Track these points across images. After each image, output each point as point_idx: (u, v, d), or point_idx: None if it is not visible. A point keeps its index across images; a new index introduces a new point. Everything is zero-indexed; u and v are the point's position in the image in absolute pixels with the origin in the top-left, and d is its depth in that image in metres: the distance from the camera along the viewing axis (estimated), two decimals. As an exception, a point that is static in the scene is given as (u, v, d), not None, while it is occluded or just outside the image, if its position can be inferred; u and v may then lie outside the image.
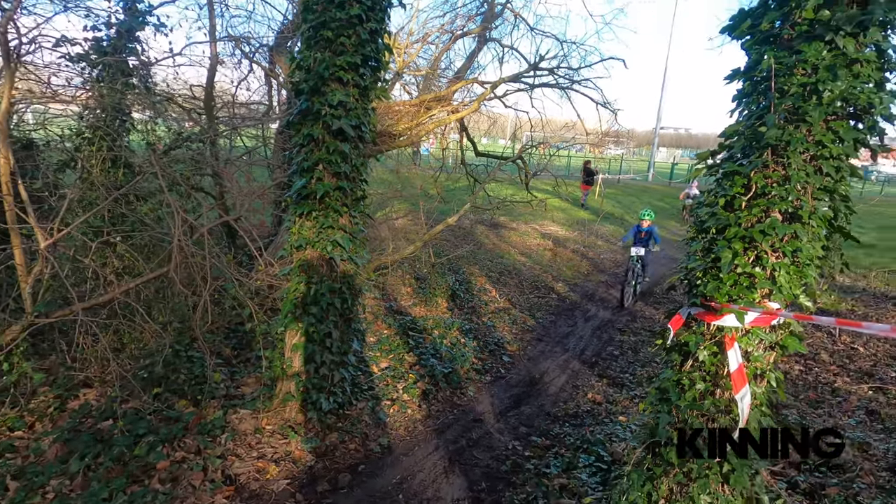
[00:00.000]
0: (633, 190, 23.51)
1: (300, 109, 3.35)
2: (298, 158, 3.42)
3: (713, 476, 2.02)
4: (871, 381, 4.76)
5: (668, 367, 2.25)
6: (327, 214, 3.40)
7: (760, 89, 2.21)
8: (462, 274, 7.94)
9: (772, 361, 2.10)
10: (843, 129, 2.02)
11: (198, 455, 2.89)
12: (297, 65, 3.38)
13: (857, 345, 5.98)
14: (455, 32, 10.21)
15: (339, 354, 3.49)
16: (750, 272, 2.06)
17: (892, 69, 2.06)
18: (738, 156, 2.23)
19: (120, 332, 3.73)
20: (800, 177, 2.03)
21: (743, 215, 2.10)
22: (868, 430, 3.69)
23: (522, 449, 3.40)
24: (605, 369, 5.06)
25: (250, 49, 7.58)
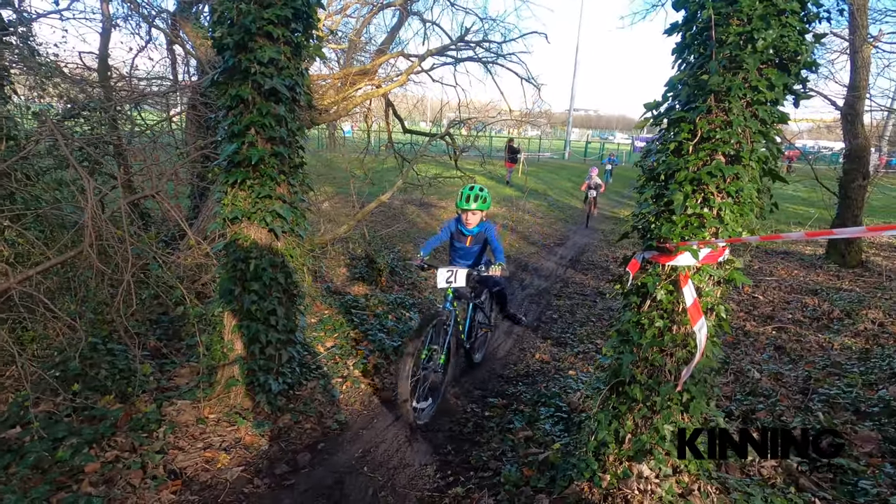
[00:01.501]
0: (553, 167, 24.50)
1: (226, 67, 3.04)
2: (227, 122, 3.10)
3: (675, 406, 2.14)
4: (773, 323, 5.35)
5: (628, 309, 2.34)
6: (263, 183, 3.14)
7: (700, 40, 2.31)
8: (398, 252, 7.82)
9: (719, 295, 2.25)
10: (774, 75, 2.16)
11: (133, 453, 2.59)
12: (218, 17, 3.04)
13: (757, 294, 6.70)
14: (375, 4, 9.88)
15: (285, 332, 3.28)
16: (699, 213, 2.17)
17: (811, 20, 2.24)
18: (682, 104, 2.33)
19: (20, 329, 3.23)
20: (740, 121, 2.16)
21: (691, 159, 2.20)
22: (778, 362, 4.14)
23: (481, 410, 3.42)
24: (547, 332, 5.24)
25: (149, 13, 6.80)
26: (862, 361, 3.94)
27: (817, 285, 6.94)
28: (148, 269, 3.50)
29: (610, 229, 12.26)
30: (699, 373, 2.13)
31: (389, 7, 9.83)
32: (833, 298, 6.10)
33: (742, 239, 2.16)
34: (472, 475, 2.62)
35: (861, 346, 4.40)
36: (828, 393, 3.30)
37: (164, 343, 3.91)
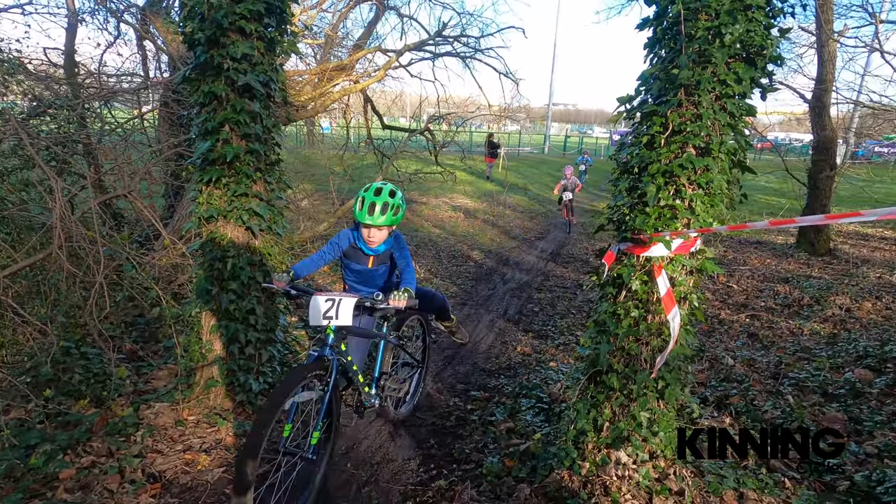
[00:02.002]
0: (533, 162, 24.66)
1: (197, 63, 2.98)
2: (200, 119, 3.05)
3: (651, 393, 2.20)
4: (746, 311, 5.50)
5: (604, 300, 2.38)
6: (239, 181, 3.09)
7: (670, 34, 2.35)
8: (379, 248, 7.78)
9: (692, 285, 2.31)
10: (741, 69, 2.21)
11: (110, 457, 2.54)
12: (188, 12, 2.98)
13: (731, 283, 6.87)
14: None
15: (265, 332, 3.25)
16: (672, 204, 2.22)
17: (776, 15, 2.30)
18: (654, 97, 2.37)
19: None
20: (709, 114, 2.21)
21: (663, 152, 2.25)
22: (751, 349, 4.27)
23: (464, 404, 3.45)
24: (528, 325, 5.30)
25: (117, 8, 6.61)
26: (829, 346, 4.09)
27: (788, 273, 7.15)
28: (121, 271, 3.42)
29: (588, 222, 12.41)
30: (673, 360, 2.18)
31: (366, 1, 9.76)
32: (803, 286, 6.30)
33: (712, 229, 2.22)
34: (455, 468, 2.64)
35: (829, 332, 4.56)
36: (797, 377, 3.42)
37: (141, 345, 3.84)
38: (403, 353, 3.23)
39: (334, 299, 2.33)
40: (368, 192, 2.58)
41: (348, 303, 2.31)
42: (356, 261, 2.78)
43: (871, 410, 2.86)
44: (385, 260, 2.76)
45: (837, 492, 2.22)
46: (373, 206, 2.54)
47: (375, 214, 2.53)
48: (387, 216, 2.56)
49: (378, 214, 2.54)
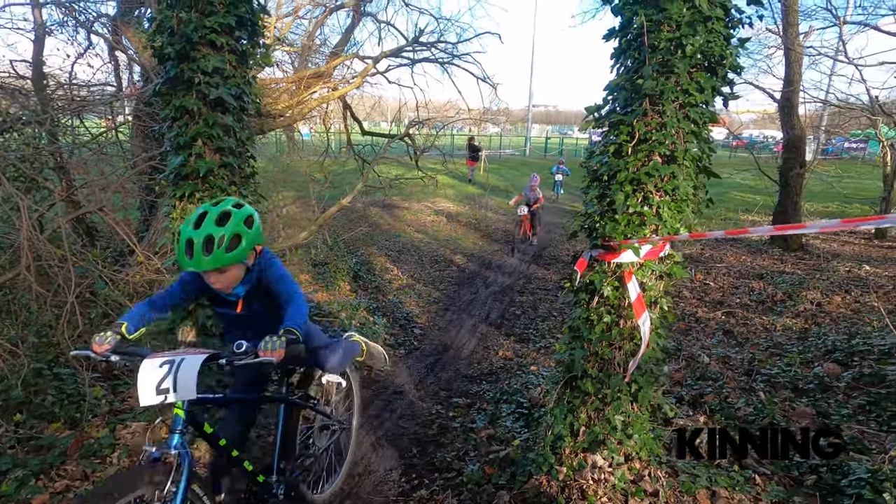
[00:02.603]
0: (514, 164, 24.84)
1: (168, 77, 2.96)
2: (172, 134, 3.03)
3: (624, 397, 2.24)
4: (722, 308, 5.63)
5: (578, 306, 2.42)
6: (213, 195, 3.07)
7: (635, 45, 2.41)
8: (361, 255, 7.78)
9: (662, 289, 2.37)
10: (703, 78, 2.28)
11: (85, 480, 2.50)
12: (157, 26, 2.96)
13: (708, 281, 7.02)
14: (328, 6, 9.76)
15: (243, 346, 3.22)
16: (640, 211, 2.27)
17: (734, 26, 2.37)
18: (621, 107, 2.43)
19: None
20: (673, 123, 2.27)
21: (630, 160, 2.30)
22: (726, 346, 4.37)
23: (446, 411, 3.47)
24: (510, 328, 5.34)
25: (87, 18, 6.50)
26: (801, 341, 4.21)
27: (763, 269, 7.33)
28: (94, 289, 3.36)
29: (570, 223, 12.55)
30: (645, 364, 2.23)
31: (342, 8, 9.75)
32: (777, 282, 6.46)
33: (676, 237, 2.27)
34: (436, 477, 2.66)
35: (801, 326, 4.69)
36: (769, 373, 3.51)
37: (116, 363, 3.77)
38: (319, 416, 2.51)
39: (173, 360, 1.63)
40: (187, 224, 1.80)
41: (191, 364, 1.61)
42: (221, 305, 2.03)
43: (839, 404, 2.95)
44: (261, 296, 1.99)
45: (805, 486, 2.29)
46: (190, 245, 1.75)
47: (196, 255, 1.74)
48: (214, 255, 1.74)
49: (200, 255, 1.73)
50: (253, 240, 1.88)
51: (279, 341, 1.68)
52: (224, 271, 1.83)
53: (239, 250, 1.81)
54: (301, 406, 2.32)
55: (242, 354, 1.65)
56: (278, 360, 1.65)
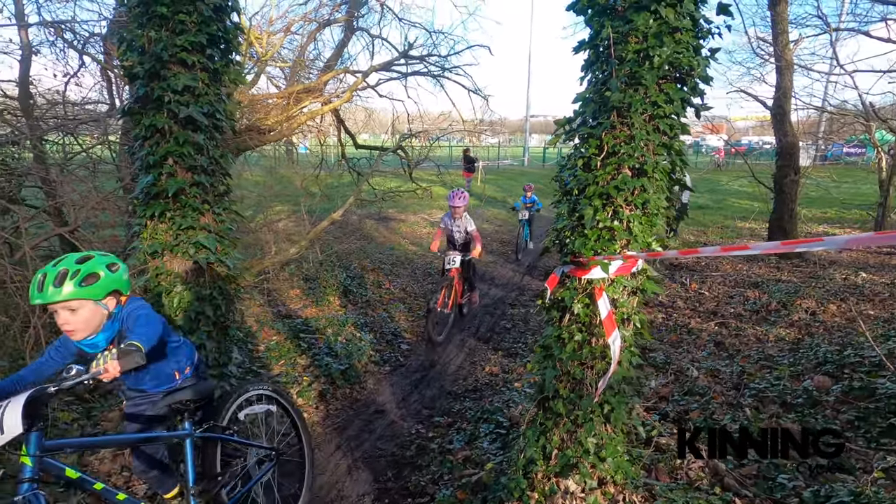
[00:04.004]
0: (512, 174, 24.86)
1: (137, 96, 2.94)
2: (142, 153, 3.00)
3: (597, 418, 2.17)
4: (716, 319, 5.54)
5: (550, 324, 2.36)
6: (185, 214, 3.04)
7: (603, 57, 2.37)
8: (353, 269, 7.73)
9: (635, 305, 2.30)
10: (672, 90, 2.24)
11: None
12: (127, 46, 2.95)
13: (703, 290, 6.93)
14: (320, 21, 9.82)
15: (216, 367, 3.16)
16: (610, 226, 2.22)
17: (703, 37, 2.33)
18: (590, 120, 2.39)
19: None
20: (642, 135, 2.22)
21: (599, 174, 2.25)
22: (717, 359, 4.28)
23: (426, 431, 3.39)
24: (499, 343, 5.26)
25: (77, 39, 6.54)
26: (792, 352, 4.11)
27: (759, 278, 7.23)
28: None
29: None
30: (617, 384, 2.16)
31: (334, 24, 9.81)
32: (772, 290, 6.37)
33: (660, 253, 2.20)
34: (409, 502, 2.58)
35: (794, 337, 4.60)
36: (758, 387, 3.42)
37: (94, 384, 3.71)
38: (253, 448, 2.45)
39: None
40: (47, 266, 1.75)
41: (15, 404, 1.50)
42: None
43: (826, 420, 2.86)
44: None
45: (789, 509, 2.21)
46: (43, 278, 1.69)
47: (45, 287, 1.68)
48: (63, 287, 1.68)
49: (49, 286, 1.68)
50: (114, 283, 1.83)
51: (110, 355, 1.59)
52: (75, 310, 1.73)
53: (93, 287, 1.75)
54: (214, 439, 2.18)
55: (71, 377, 1.57)
56: (112, 375, 1.57)
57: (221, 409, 2.29)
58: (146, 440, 2.10)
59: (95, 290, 1.76)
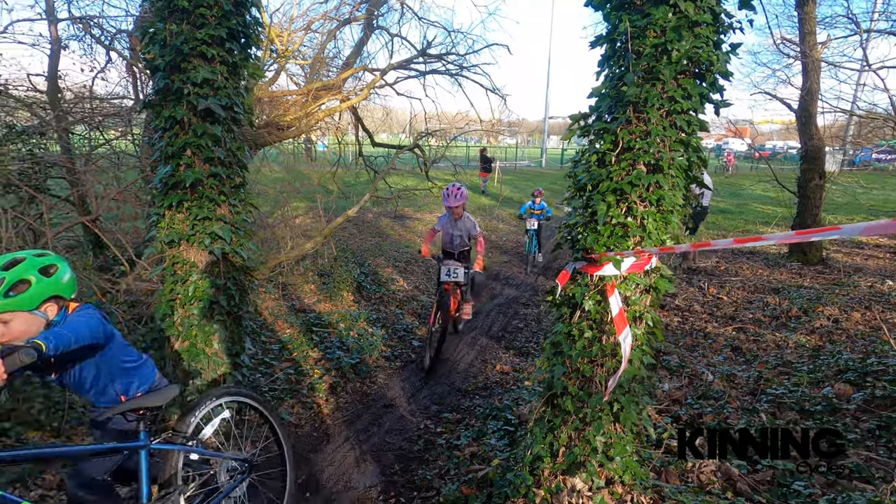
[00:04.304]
0: (529, 175, 24.71)
1: (158, 88, 3.00)
2: (161, 144, 3.06)
3: (605, 417, 2.13)
4: (733, 324, 5.42)
5: (560, 321, 2.33)
6: (202, 205, 3.08)
7: (620, 52, 2.34)
8: (368, 266, 7.77)
9: (648, 304, 2.26)
10: (690, 85, 2.19)
11: (60, 490, 2.49)
12: (149, 39, 3.01)
13: (721, 295, 6.79)
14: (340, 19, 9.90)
15: (229, 356, 3.21)
16: (623, 222, 2.18)
17: (724, 31, 2.28)
18: (605, 115, 2.35)
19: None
20: (658, 131, 2.19)
21: (614, 169, 2.22)
22: (733, 364, 4.19)
23: (434, 426, 3.38)
24: (511, 342, 5.23)
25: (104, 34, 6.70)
26: (812, 359, 4.00)
27: (780, 284, 7.06)
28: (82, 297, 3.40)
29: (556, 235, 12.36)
30: (628, 382, 2.13)
31: (353, 22, 9.88)
32: (793, 296, 6.21)
33: (673, 248, 2.17)
34: (414, 496, 2.58)
35: (814, 344, 4.48)
36: (775, 393, 3.34)
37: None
38: (223, 461, 2.27)
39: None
40: None
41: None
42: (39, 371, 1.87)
43: (846, 428, 2.78)
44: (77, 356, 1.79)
45: (804, 517, 2.14)
46: None
47: None
48: None
49: None
50: (51, 289, 1.68)
51: None
52: (7, 322, 1.61)
53: (23, 297, 1.61)
54: (174, 451, 1.99)
55: None
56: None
57: (188, 416, 2.11)
58: (93, 453, 1.85)
59: (25, 300, 1.62)
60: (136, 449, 1.89)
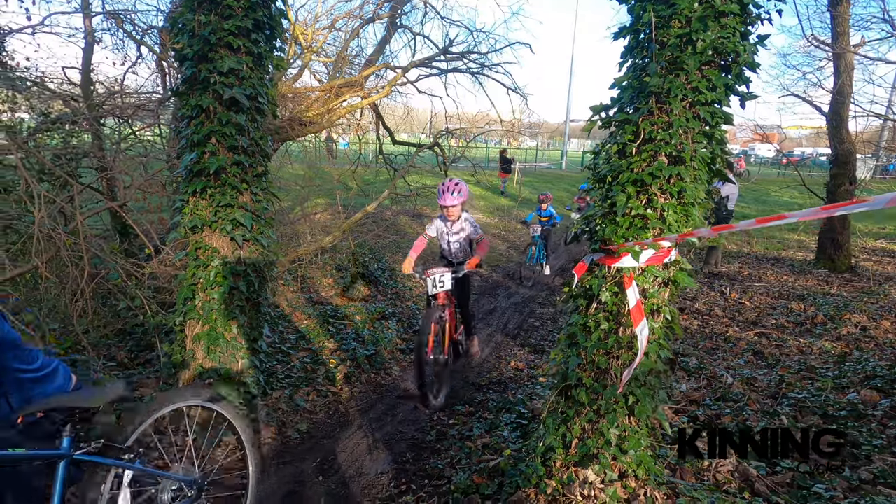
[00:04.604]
0: (549, 177, 24.55)
1: (185, 77, 3.07)
2: (188, 132, 3.13)
3: (620, 409, 2.11)
4: (755, 329, 5.30)
5: (576, 312, 2.32)
6: (225, 192, 3.15)
7: (643, 43, 2.32)
8: (385, 262, 7.82)
9: (666, 297, 2.23)
10: (714, 76, 2.16)
11: (85, 463, 2.56)
12: (178, 29, 3.08)
13: (743, 300, 6.64)
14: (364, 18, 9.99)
15: (247, 341, 3.26)
16: (643, 214, 2.16)
17: (752, 22, 2.24)
18: (627, 106, 2.33)
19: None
20: (681, 122, 2.16)
21: (634, 160, 2.20)
22: (754, 367, 4.09)
23: (447, 418, 3.38)
24: (526, 339, 5.21)
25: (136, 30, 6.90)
26: (838, 365, 3.89)
27: (805, 290, 6.88)
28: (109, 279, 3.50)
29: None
30: (643, 375, 2.10)
31: (377, 20, 9.96)
32: (819, 303, 6.05)
33: (693, 233, 2.12)
34: (426, 483, 2.58)
35: (840, 350, 4.35)
36: (797, 397, 3.25)
37: (136, 354, 3.90)
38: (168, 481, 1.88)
39: None
40: None
41: None
42: None
43: (872, 433, 2.69)
44: None
45: (824, 520, 2.08)
46: None
47: None
48: None
49: None
50: None
51: None
52: None
53: None
54: (104, 464, 1.61)
55: None
56: None
57: (130, 423, 1.74)
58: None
59: None
60: (54, 459, 1.49)
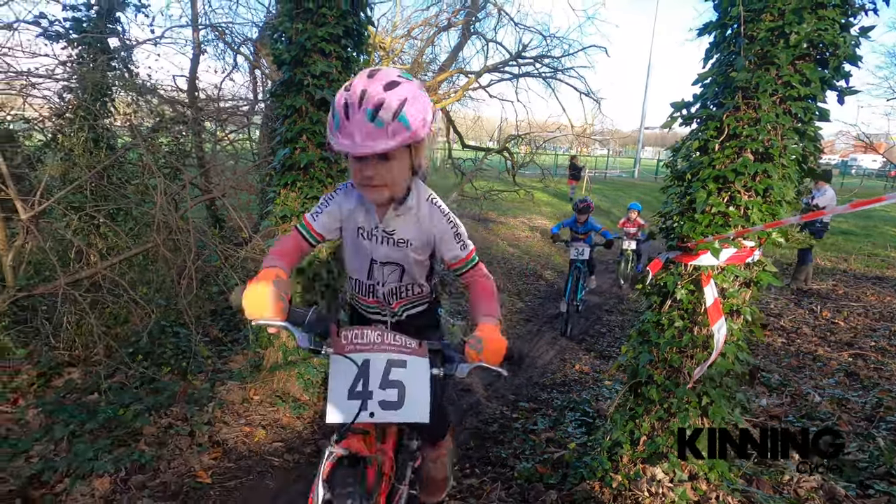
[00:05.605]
0: (620, 185, 23.75)
1: (282, 80, 3.37)
2: (282, 129, 3.43)
3: (692, 410, 2.06)
4: (851, 350, 4.86)
5: (649, 309, 2.29)
6: (312, 185, 3.41)
7: (731, 38, 2.27)
8: (449, 263, 7.97)
9: (748, 299, 2.15)
10: (809, 70, 2.08)
11: (185, 422, 2.88)
12: (277, 36, 3.40)
13: (837, 319, 6.11)
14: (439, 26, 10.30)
15: (325, 325, 3.49)
16: (724, 211, 2.11)
17: (855, 13, 2.13)
18: (709, 102, 2.28)
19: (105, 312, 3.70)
20: (769, 118, 2.09)
21: (716, 157, 2.16)
22: (847, 389, 3.77)
23: (510, 412, 3.42)
24: (592, 345, 5.12)
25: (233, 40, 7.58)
26: (949, 393, 3.50)
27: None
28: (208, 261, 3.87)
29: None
30: (720, 376, 2.04)
31: (452, 28, 10.23)
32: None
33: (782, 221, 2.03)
34: (489, 469, 2.64)
35: (953, 378, 3.90)
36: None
37: (226, 332, 4.28)
38: None
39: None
40: None
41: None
42: None
43: None
44: None
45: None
46: None
47: None
48: None
49: None
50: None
51: None
52: None
53: None
54: None
55: None
56: None
57: None
58: None
59: None
60: None
